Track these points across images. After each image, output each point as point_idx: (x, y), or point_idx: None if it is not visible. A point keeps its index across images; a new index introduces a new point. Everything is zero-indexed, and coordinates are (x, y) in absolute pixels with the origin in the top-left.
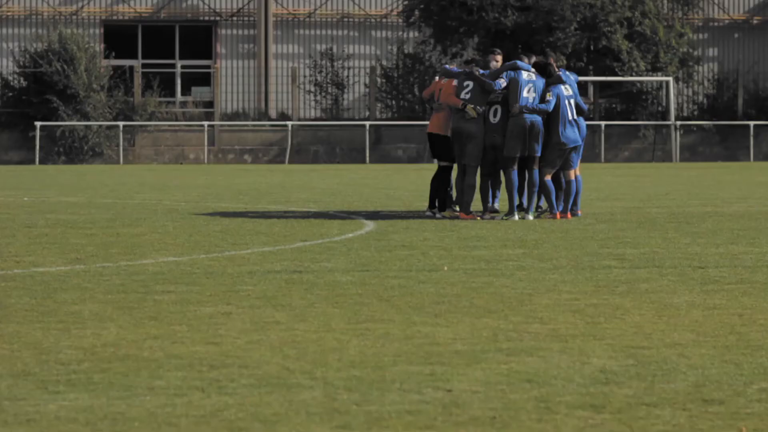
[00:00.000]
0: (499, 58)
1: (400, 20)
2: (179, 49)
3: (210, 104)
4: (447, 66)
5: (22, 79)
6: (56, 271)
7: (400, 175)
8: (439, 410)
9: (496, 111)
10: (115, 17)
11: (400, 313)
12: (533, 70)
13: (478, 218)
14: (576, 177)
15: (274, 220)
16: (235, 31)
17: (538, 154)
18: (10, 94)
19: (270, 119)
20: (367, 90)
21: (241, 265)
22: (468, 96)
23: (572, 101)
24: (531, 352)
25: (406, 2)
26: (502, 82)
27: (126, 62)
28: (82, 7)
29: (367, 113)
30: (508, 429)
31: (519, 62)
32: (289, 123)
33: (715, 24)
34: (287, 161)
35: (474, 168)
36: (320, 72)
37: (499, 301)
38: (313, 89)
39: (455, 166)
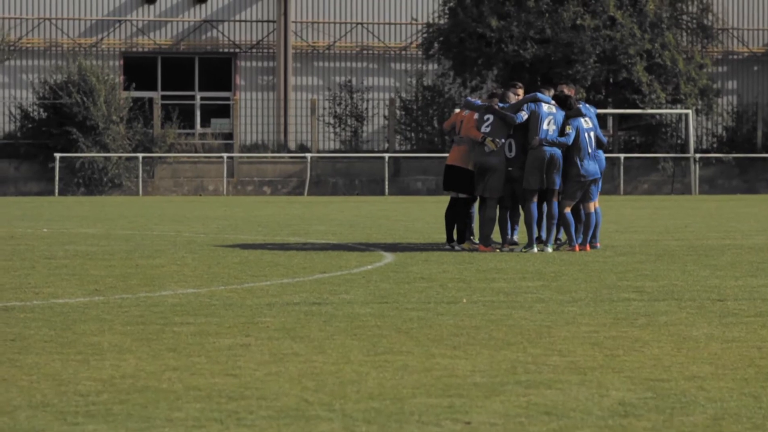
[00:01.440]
0: (521, 92)
1: (420, 52)
2: (198, 80)
3: (229, 136)
4: (470, 98)
5: (41, 110)
6: (75, 302)
7: (419, 207)
8: None
9: (510, 145)
10: (134, 49)
11: (419, 345)
12: (553, 102)
13: (497, 250)
14: (595, 209)
15: (293, 251)
16: (254, 63)
17: (557, 187)
18: (30, 125)
19: (289, 151)
20: (386, 122)
21: (260, 296)
22: (488, 129)
23: (592, 134)
24: (550, 385)
25: (425, 35)
26: (524, 115)
27: (145, 94)
28: (102, 39)
29: (386, 145)
30: None
31: (539, 94)
32: (308, 155)
33: (735, 57)
34: (306, 193)
35: (494, 200)
36: (339, 104)
37: (518, 333)
38: (332, 121)
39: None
